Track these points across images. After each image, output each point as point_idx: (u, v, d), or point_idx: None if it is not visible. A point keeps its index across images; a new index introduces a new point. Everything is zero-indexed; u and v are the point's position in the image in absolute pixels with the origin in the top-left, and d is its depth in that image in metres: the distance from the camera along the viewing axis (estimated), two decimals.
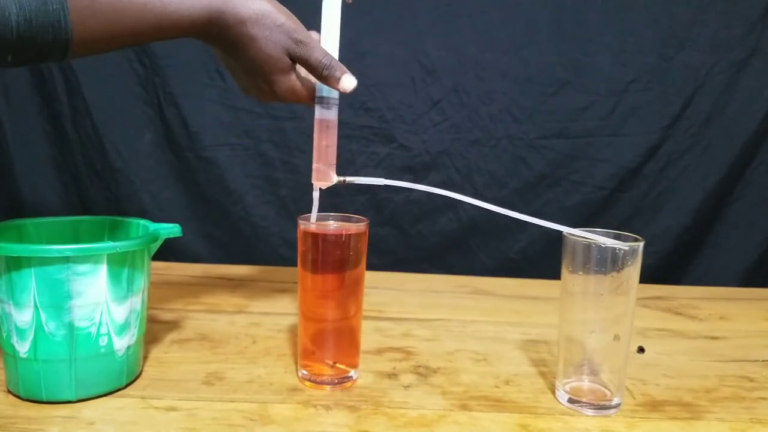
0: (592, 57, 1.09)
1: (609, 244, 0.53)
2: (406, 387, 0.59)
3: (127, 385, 0.57)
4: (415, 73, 1.09)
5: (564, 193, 1.12)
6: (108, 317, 0.53)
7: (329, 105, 0.58)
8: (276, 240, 1.13)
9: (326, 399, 0.56)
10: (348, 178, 0.59)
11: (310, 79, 0.59)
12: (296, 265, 0.59)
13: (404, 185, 0.59)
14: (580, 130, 1.11)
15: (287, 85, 0.56)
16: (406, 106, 1.10)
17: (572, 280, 0.55)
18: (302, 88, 0.57)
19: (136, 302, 0.56)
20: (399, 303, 0.87)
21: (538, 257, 1.13)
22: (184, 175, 1.11)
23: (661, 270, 1.12)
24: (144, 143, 1.09)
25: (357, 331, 0.61)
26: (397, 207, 1.12)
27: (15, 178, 1.09)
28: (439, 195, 0.59)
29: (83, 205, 1.11)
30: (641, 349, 0.71)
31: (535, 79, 1.09)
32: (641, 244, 0.54)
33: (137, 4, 0.48)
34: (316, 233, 0.58)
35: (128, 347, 0.56)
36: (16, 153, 1.08)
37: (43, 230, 0.63)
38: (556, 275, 0.57)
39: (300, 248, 0.58)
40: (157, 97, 1.08)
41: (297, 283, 0.59)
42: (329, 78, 0.56)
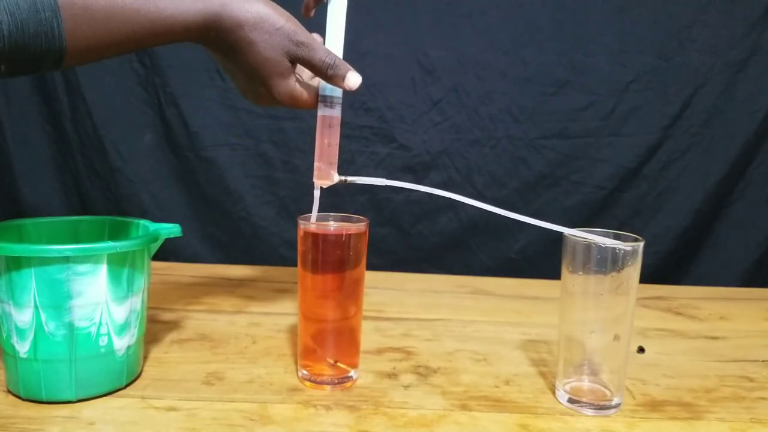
0: (592, 57, 1.09)
1: (609, 244, 0.53)
2: (406, 387, 0.59)
3: (127, 385, 0.57)
4: (415, 73, 1.09)
5: (564, 193, 1.12)
6: (108, 317, 0.53)
7: (332, 104, 0.58)
8: (276, 240, 1.13)
9: (326, 399, 0.56)
10: (349, 178, 0.59)
11: (311, 83, 0.58)
12: (296, 265, 0.59)
13: (405, 186, 0.59)
14: (580, 130, 1.11)
15: (286, 89, 0.55)
16: (406, 106, 1.10)
17: (572, 280, 0.55)
18: (301, 93, 0.56)
19: (136, 302, 0.56)
20: (399, 303, 0.87)
21: (538, 257, 1.13)
22: (184, 175, 1.11)
23: (661, 270, 1.12)
24: (144, 143, 1.10)
25: (357, 331, 0.61)
26: (397, 207, 1.12)
27: (15, 178, 1.09)
28: (438, 195, 0.59)
29: (83, 205, 1.11)
30: (641, 349, 0.71)
31: (535, 79, 1.09)
32: (641, 244, 0.54)
33: (131, 9, 0.47)
34: (316, 233, 0.58)
35: (128, 347, 0.56)
36: (15, 153, 1.08)
37: (43, 230, 0.63)
38: (556, 275, 0.57)
39: (300, 248, 0.58)
40: (157, 98, 1.08)
41: (297, 283, 0.60)
42: (334, 77, 0.55)
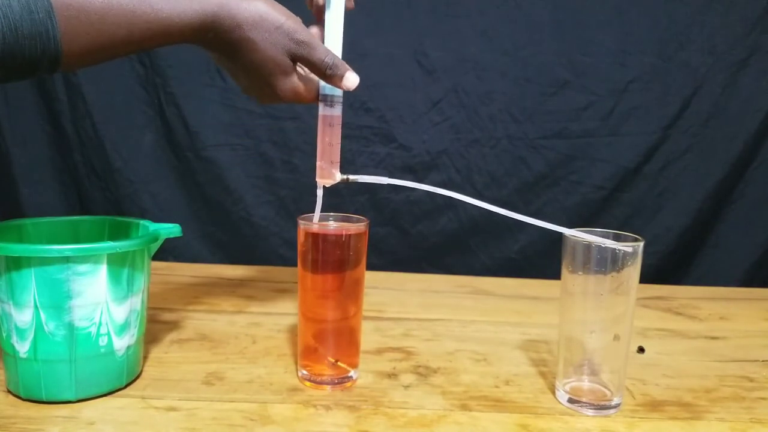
0: (591, 57, 1.09)
1: (609, 245, 0.53)
2: (406, 387, 0.59)
3: (127, 385, 0.57)
4: (415, 74, 1.09)
5: (564, 193, 1.12)
6: (108, 317, 0.53)
7: (333, 103, 0.58)
8: (276, 240, 1.13)
9: (326, 399, 0.56)
10: (351, 176, 0.59)
11: (312, 78, 0.58)
12: (296, 265, 0.59)
13: (408, 184, 0.59)
14: (579, 130, 1.11)
15: (289, 86, 0.55)
16: (406, 106, 1.10)
17: (572, 280, 0.55)
18: (304, 89, 0.56)
19: (136, 302, 0.56)
20: (399, 303, 0.87)
21: (538, 257, 1.13)
22: (184, 175, 1.11)
23: (661, 270, 1.12)
24: (144, 143, 1.10)
25: (357, 331, 0.61)
26: (397, 207, 1.12)
27: (14, 178, 1.09)
28: (438, 195, 0.59)
29: (83, 205, 1.11)
30: (641, 349, 0.71)
31: (535, 79, 1.09)
32: (641, 244, 0.54)
33: (127, 11, 0.46)
34: (316, 233, 0.58)
35: (128, 347, 0.56)
36: (15, 153, 1.08)
37: (43, 230, 0.63)
38: (556, 275, 0.57)
39: (300, 248, 0.58)
40: (157, 98, 1.08)
41: (297, 283, 0.60)
42: (333, 77, 0.55)
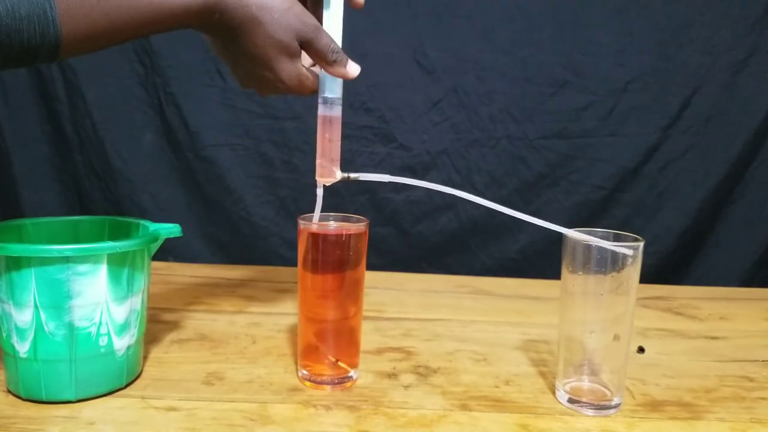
0: (591, 57, 1.09)
1: (609, 246, 0.53)
2: (406, 387, 0.59)
3: (127, 385, 0.57)
4: (414, 74, 1.09)
5: (563, 193, 1.12)
6: (108, 317, 0.53)
7: (332, 105, 0.57)
8: (276, 240, 1.12)
9: (326, 399, 0.56)
10: (352, 174, 0.58)
11: (314, 67, 0.57)
12: (296, 265, 0.59)
13: (408, 181, 0.59)
14: (579, 130, 1.11)
15: (294, 71, 0.53)
16: (405, 106, 1.10)
17: (572, 280, 0.55)
18: (307, 75, 0.55)
19: (136, 302, 0.56)
20: (399, 303, 0.87)
21: (538, 257, 1.13)
22: (184, 175, 1.11)
23: (662, 270, 1.12)
24: (144, 143, 1.10)
25: (357, 331, 0.61)
26: (397, 207, 1.12)
27: (14, 178, 1.08)
28: (438, 195, 0.59)
29: (83, 205, 1.11)
30: (641, 349, 0.71)
31: (535, 79, 1.09)
32: (641, 245, 0.54)
33: None
34: (316, 233, 0.58)
35: (128, 347, 0.56)
36: (15, 153, 1.08)
37: (43, 230, 0.63)
38: (556, 275, 0.57)
39: (300, 248, 0.58)
40: (157, 98, 1.08)
41: (297, 283, 0.60)
42: (337, 62, 0.54)
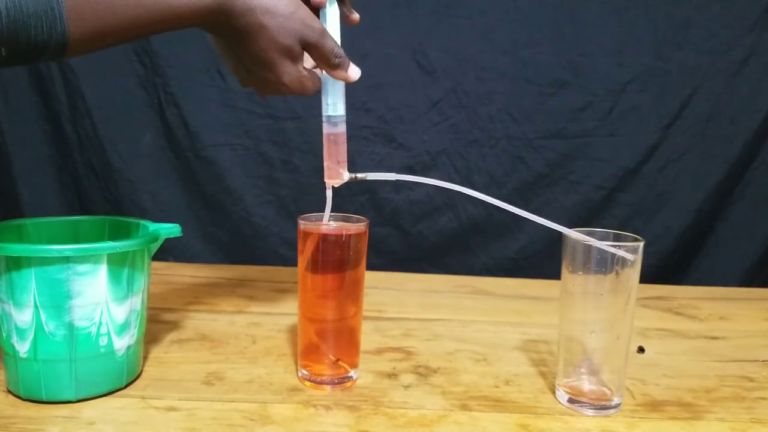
0: (590, 57, 1.09)
1: (609, 249, 0.53)
2: (406, 387, 0.59)
3: (127, 385, 0.57)
4: (414, 74, 1.09)
5: (563, 192, 1.12)
6: (108, 317, 0.53)
7: (336, 123, 0.57)
8: (276, 240, 1.12)
9: (326, 399, 0.56)
10: (359, 175, 0.58)
11: (315, 70, 0.57)
12: (296, 265, 0.59)
13: (416, 179, 0.58)
14: (578, 130, 1.11)
15: (296, 74, 0.54)
16: (405, 107, 1.10)
17: (572, 280, 0.55)
18: (309, 78, 0.55)
19: (136, 302, 0.56)
20: (399, 303, 0.87)
21: (538, 257, 1.13)
22: (184, 175, 1.11)
23: (662, 270, 1.12)
24: (144, 143, 1.09)
25: (357, 331, 0.61)
26: (397, 207, 1.12)
27: (14, 178, 1.08)
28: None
29: (82, 205, 1.11)
30: (641, 349, 0.71)
31: (534, 79, 1.09)
32: (641, 245, 0.54)
33: None
34: (316, 233, 0.58)
35: (128, 347, 0.56)
36: (14, 153, 1.08)
37: (43, 230, 0.63)
38: (556, 275, 0.57)
39: (300, 248, 0.58)
40: (157, 98, 1.08)
41: (297, 283, 0.60)
42: (340, 66, 0.55)
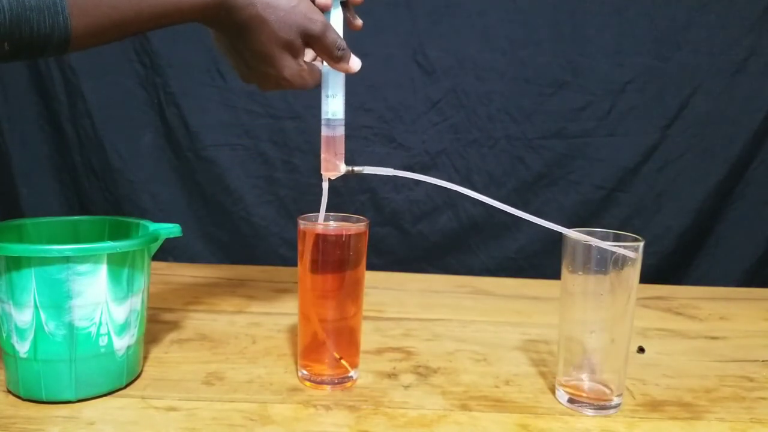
0: (589, 57, 1.09)
1: (609, 247, 0.53)
2: (406, 387, 0.59)
3: (127, 385, 0.57)
4: (414, 74, 1.09)
5: (562, 192, 1.12)
6: (108, 317, 0.53)
7: (335, 126, 0.58)
8: (276, 240, 1.13)
9: (326, 399, 0.56)
10: (356, 168, 0.58)
11: (315, 63, 0.58)
12: (296, 265, 0.59)
13: (410, 176, 0.59)
14: (578, 130, 1.11)
15: (296, 68, 0.54)
16: (405, 107, 1.10)
17: (572, 280, 0.55)
18: (309, 72, 0.56)
19: (136, 302, 0.56)
20: (399, 303, 0.87)
21: (538, 257, 1.13)
22: (184, 175, 1.11)
23: (662, 270, 1.12)
24: (144, 143, 1.10)
25: (357, 331, 0.61)
26: (397, 207, 1.12)
27: (13, 178, 1.08)
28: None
29: (83, 205, 1.11)
30: (641, 349, 0.71)
31: (533, 79, 1.09)
32: (641, 245, 0.54)
33: None
34: (316, 233, 0.58)
35: (128, 347, 0.56)
36: (14, 153, 1.08)
37: (43, 230, 0.63)
38: (556, 275, 0.57)
39: (300, 248, 0.58)
40: (157, 97, 1.08)
41: (297, 283, 0.60)
42: (343, 58, 0.55)
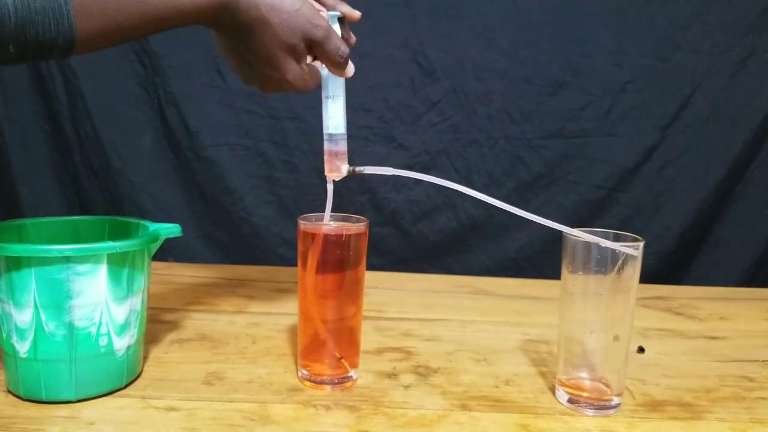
0: (589, 57, 1.09)
1: (609, 245, 0.53)
2: (406, 387, 0.59)
3: (127, 385, 0.57)
4: (414, 74, 1.09)
5: (562, 192, 1.12)
6: (108, 317, 0.53)
7: (338, 141, 0.58)
8: (276, 240, 1.13)
9: (326, 399, 0.56)
10: (357, 168, 0.59)
11: (315, 65, 0.58)
12: (296, 265, 0.59)
13: (412, 175, 0.59)
14: (577, 130, 1.11)
15: (299, 72, 0.55)
16: (405, 107, 1.10)
17: (572, 280, 0.55)
18: (311, 75, 0.56)
19: (136, 302, 0.56)
20: (399, 303, 0.87)
21: (538, 257, 1.13)
22: (184, 175, 1.11)
23: (662, 270, 1.12)
24: (143, 143, 1.10)
25: (357, 331, 0.61)
26: (397, 207, 1.12)
27: (13, 178, 1.08)
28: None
29: (83, 205, 1.11)
30: (641, 349, 0.71)
31: (533, 79, 1.09)
32: (641, 244, 0.54)
33: None
34: (316, 233, 0.58)
35: (128, 347, 0.56)
36: (14, 153, 1.08)
37: (43, 230, 0.63)
38: (556, 275, 0.57)
39: (300, 248, 0.58)
40: (157, 98, 1.08)
41: (297, 283, 0.60)
42: (343, 64, 0.56)
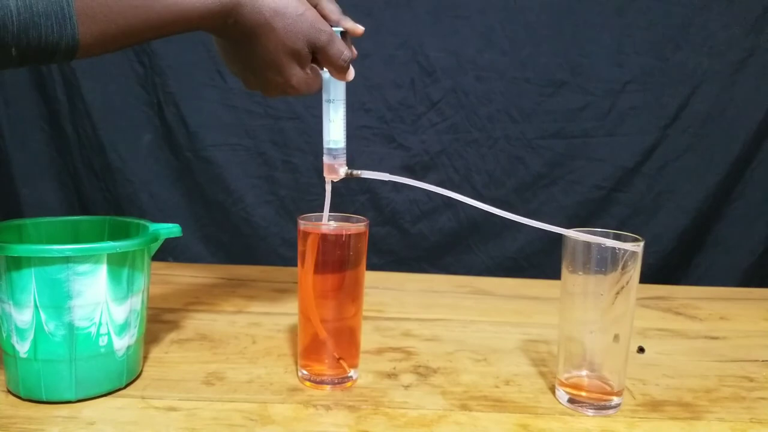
0: (589, 58, 1.09)
1: (609, 244, 0.53)
2: (406, 387, 0.59)
3: (127, 385, 0.57)
4: (414, 74, 1.10)
5: (562, 192, 1.12)
6: (108, 317, 0.53)
7: (337, 155, 0.59)
8: (276, 240, 1.13)
9: (326, 399, 0.56)
10: (355, 171, 0.59)
11: (316, 69, 0.58)
12: (296, 265, 0.59)
13: (408, 182, 0.59)
14: (577, 130, 1.11)
15: (303, 76, 0.55)
16: (405, 107, 1.10)
17: (572, 280, 0.55)
18: (314, 79, 0.56)
19: (136, 302, 0.56)
20: (399, 303, 0.87)
21: (538, 257, 1.13)
22: (184, 175, 1.11)
23: (662, 270, 1.12)
24: (143, 143, 1.10)
25: (357, 331, 0.61)
26: (397, 207, 1.12)
27: (13, 178, 1.09)
28: (438, 194, 0.59)
29: (82, 205, 1.11)
30: (641, 349, 0.71)
31: (533, 79, 1.10)
32: (641, 244, 0.54)
33: None
34: (315, 233, 0.58)
35: (128, 347, 0.56)
36: (14, 153, 1.08)
37: (43, 230, 0.63)
38: (556, 275, 0.57)
39: (300, 248, 0.58)
40: (157, 97, 1.08)
41: (297, 283, 0.60)
42: (345, 68, 0.56)
